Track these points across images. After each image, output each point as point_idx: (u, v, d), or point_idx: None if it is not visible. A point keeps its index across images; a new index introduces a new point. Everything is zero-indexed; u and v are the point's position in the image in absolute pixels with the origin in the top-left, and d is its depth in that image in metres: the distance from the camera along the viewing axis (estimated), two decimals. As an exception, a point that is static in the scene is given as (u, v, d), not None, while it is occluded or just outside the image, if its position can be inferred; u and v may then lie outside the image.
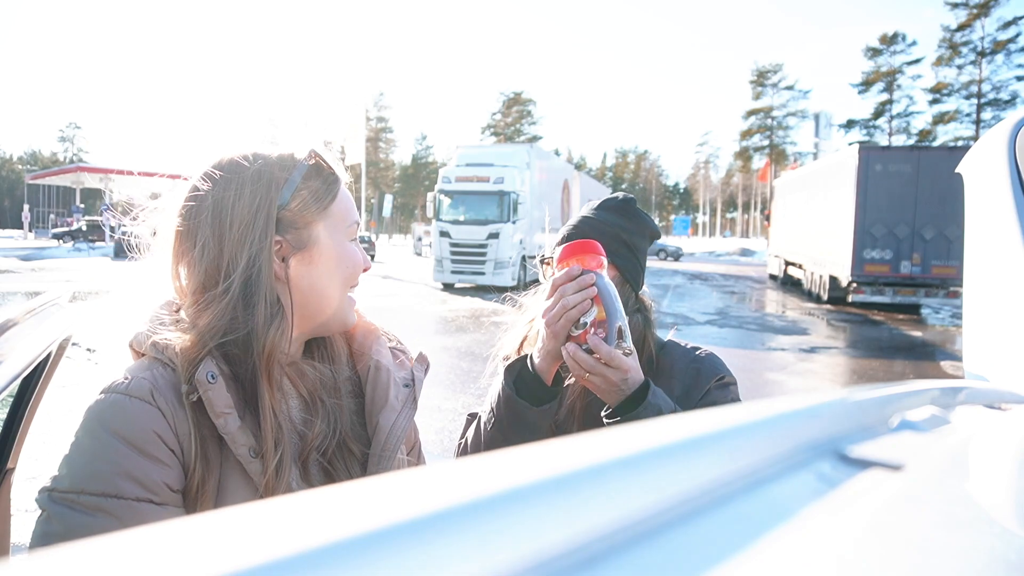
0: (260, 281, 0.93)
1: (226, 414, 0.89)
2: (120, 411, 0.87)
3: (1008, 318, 1.23)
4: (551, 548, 0.24)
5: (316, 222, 0.99)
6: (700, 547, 0.29)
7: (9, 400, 1.66)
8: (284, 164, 0.98)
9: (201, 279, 0.95)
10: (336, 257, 1.01)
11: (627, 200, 1.48)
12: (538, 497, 0.26)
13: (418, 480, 0.27)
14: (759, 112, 72.84)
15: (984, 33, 50.42)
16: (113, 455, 0.84)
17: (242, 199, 0.95)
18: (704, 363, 1.39)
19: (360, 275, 1.06)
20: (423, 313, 14.21)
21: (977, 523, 0.44)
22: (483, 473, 0.27)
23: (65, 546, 0.20)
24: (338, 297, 1.02)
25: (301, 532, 0.21)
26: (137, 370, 0.92)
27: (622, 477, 0.30)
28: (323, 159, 1.02)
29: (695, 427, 0.37)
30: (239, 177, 0.96)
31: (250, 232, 0.93)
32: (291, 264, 0.97)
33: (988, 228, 1.34)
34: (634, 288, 1.43)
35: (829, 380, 8.67)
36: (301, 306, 0.98)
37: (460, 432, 1.56)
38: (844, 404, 0.53)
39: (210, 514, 0.23)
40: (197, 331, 0.92)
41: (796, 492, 0.37)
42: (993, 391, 0.93)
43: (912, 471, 0.43)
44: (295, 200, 0.97)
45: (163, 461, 0.87)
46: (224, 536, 0.21)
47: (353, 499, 0.24)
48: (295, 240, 0.97)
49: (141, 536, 0.21)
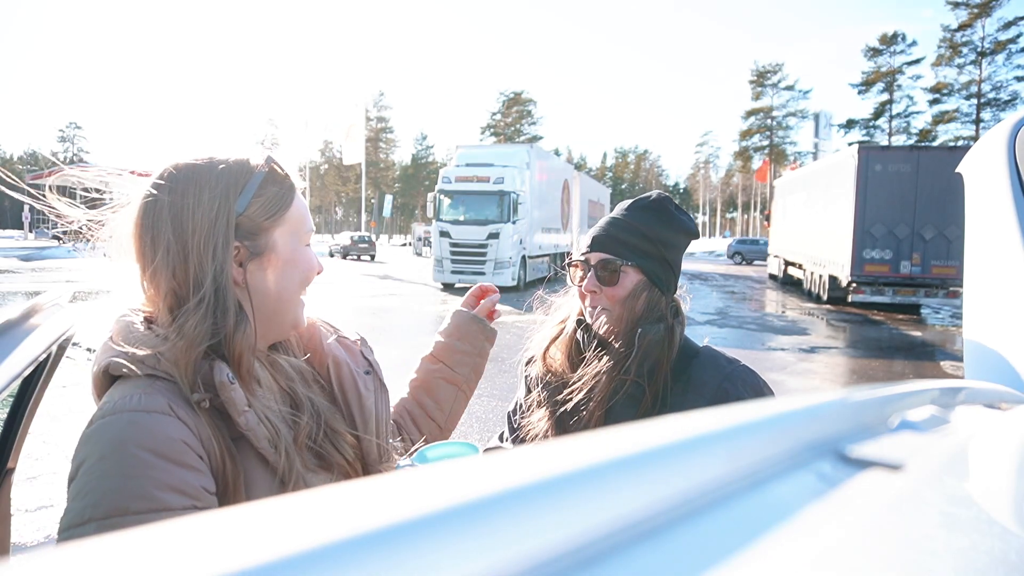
0: (227, 287, 0.95)
1: (246, 412, 0.92)
2: (143, 428, 0.86)
3: (1008, 318, 1.23)
4: (551, 548, 0.24)
5: (273, 228, 1.00)
6: (700, 547, 0.29)
7: (9, 400, 1.66)
8: (241, 170, 0.99)
9: (171, 286, 0.95)
10: (292, 262, 1.02)
11: (660, 199, 1.40)
12: (538, 497, 0.26)
13: (419, 480, 0.27)
14: (759, 112, 72.81)
15: (984, 33, 50.42)
16: (150, 471, 0.84)
17: (201, 205, 0.95)
18: (735, 384, 1.30)
19: (314, 278, 1.08)
20: (423, 313, 14.21)
21: (977, 523, 0.44)
22: (483, 473, 0.27)
23: (70, 546, 0.20)
24: (294, 301, 1.04)
25: (303, 532, 0.21)
26: (139, 387, 0.90)
27: (622, 477, 0.30)
28: (278, 166, 1.03)
29: (695, 427, 0.37)
30: (196, 183, 0.96)
31: (212, 239, 0.94)
32: (249, 269, 0.99)
33: (988, 228, 1.34)
34: (663, 291, 1.35)
35: (829, 380, 8.67)
36: (262, 310, 1.00)
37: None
38: (844, 404, 0.53)
39: (219, 512, 0.23)
40: (186, 340, 0.91)
41: (796, 492, 0.37)
42: (993, 391, 0.93)
43: (912, 471, 0.43)
44: (252, 206, 0.98)
45: (196, 468, 0.88)
46: (232, 535, 0.21)
47: (353, 499, 0.24)
48: (252, 246, 0.98)
49: (142, 537, 0.21)
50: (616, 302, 1.34)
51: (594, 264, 1.36)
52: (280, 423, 0.97)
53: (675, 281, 1.39)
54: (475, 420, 6.15)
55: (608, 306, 1.35)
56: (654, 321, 1.32)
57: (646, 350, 1.29)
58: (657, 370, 1.30)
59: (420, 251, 42.31)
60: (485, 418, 6.23)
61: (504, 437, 1.56)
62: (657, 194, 1.42)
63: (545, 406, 1.41)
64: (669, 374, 1.31)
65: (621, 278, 1.34)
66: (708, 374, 1.32)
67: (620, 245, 1.35)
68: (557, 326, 1.45)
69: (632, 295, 1.34)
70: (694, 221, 1.42)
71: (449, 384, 1.43)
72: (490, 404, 6.60)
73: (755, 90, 73.21)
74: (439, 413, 1.42)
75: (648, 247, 1.34)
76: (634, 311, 1.33)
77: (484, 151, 21.02)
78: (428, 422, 1.41)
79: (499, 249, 18.30)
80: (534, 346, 1.48)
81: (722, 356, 1.37)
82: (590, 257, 1.38)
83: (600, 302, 1.36)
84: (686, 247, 1.41)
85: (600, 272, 1.35)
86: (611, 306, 1.35)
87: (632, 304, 1.33)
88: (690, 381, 1.31)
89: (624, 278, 1.34)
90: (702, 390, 1.30)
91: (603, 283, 1.35)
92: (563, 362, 1.40)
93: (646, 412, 1.29)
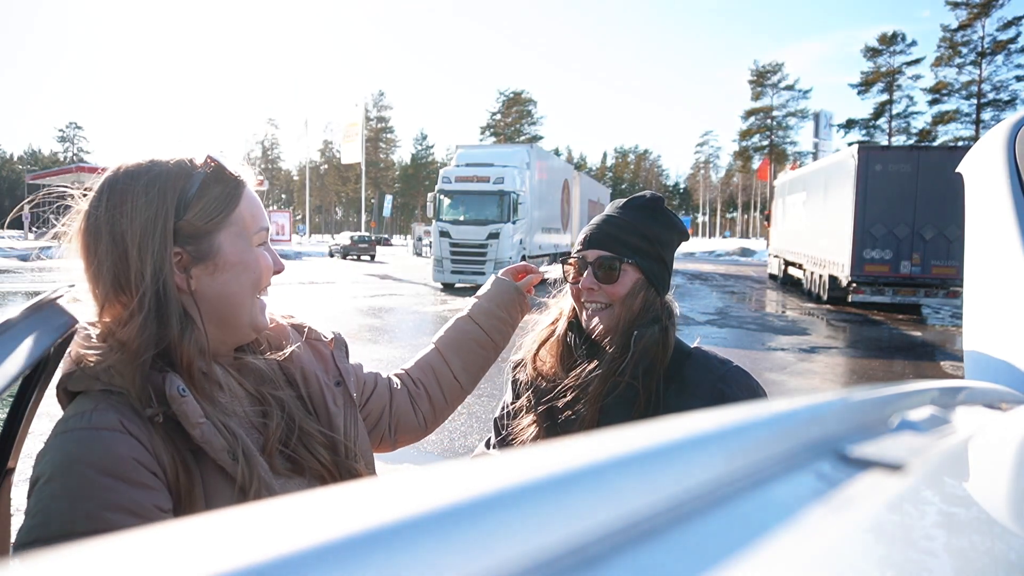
0: (168, 295, 0.92)
1: (200, 424, 0.88)
2: (92, 446, 0.84)
3: (1008, 318, 1.23)
4: (551, 548, 0.24)
5: (217, 231, 0.96)
6: (700, 547, 0.29)
7: (9, 400, 1.66)
8: (180, 173, 0.95)
9: (108, 292, 0.93)
10: (241, 264, 0.98)
11: (654, 199, 1.40)
12: (538, 497, 0.26)
13: (419, 480, 0.27)
14: (759, 112, 72.79)
15: (984, 33, 50.41)
16: (99, 491, 0.82)
17: (137, 211, 0.92)
18: (730, 385, 1.30)
19: (270, 279, 1.04)
20: (423, 313, 14.20)
21: (977, 523, 0.44)
22: (483, 473, 0.27)
23: (65, 548, 0.20)
24: (248, 304, 1.00)
25: (304, 532, 0.21)
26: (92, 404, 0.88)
27: (622, 477, 0.30)
28: (222, 164, 0.99)
29: (695, 427, 0.37)
30: (133, 188, 0.93)
31: (147, 246, 0.91)
32: (194, 275, 0.95)
33: (988, 228, 1.34)
34: (658, 291, 1.36)
35: (829, 380, 8.67)
36: (212, 315, 0.97)
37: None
38: (844, 404, 0.53)
39: (214, 516, 0.23)
40: (128, 351, 0.89)
41: (796, 492, 0.37)
42: (993, 391, 0.93)
43: (912, 471, 0.43)
44: (192, 210, 0.94)
45: (148, 485, 0.86)
46: (227, 537, 0.21)
47: (354, 499, 0.24)
48: (196, 251, 0.95)
49: (141, 538, 0.21)
50: (615, 300, 1.33)
51: (592, 261, 1.35)
52: (243, 430, 0.94)
53: (669, 281, 1.39)
54: (475, 420, 6.15)
55: (607, 301, 1.34)
56: (650, 322, 1.32)
57: (642, 351, 1.29)
58: (652, 371, 1.29)
59: (420, 251, 42.27)
60: (485, 418, 6.22)
61: (491, 443, 1.53)
62: (651, 194, 1.41)
63: (535, 410, 1.39)
64: (663, 375, 1.30)
65: (620, 276, 1.33)
66: (702, 375, 1.32)
67: (618, 243, 1.34)
68: (548, 327, 1.43)
69: (631, 294, 1.33)
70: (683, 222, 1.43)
71: (480, 348, 1.44)
72: (490, 404, 6.59)
73: (755, 90, 73.19)
74: (464, 375, 1.42)
75: (646, 246, 1.34)
76: (631, 310, 1.32)
77: (484, 151, 21.01)
78: (452, 382, 1.41)
79: (499, 249, 18.29)
80: (524, 348, 1.46)
81: (714, 357, 1.36)
82: (587, 255, 1.36)
83: (598, 299, 1.34)
84: (678, 247, 1.42)
85: (598, 270, 1.34)
86: (610, 302, 1.34)
87: (630, 303, 1.33)
88: (684, 382, 1.31)
89: (623, 276, 1.33)
90: (696, 391, 1.29)
91: (602, 281, 1.34)
92: (553, 364, 1.38)
93: (640, 414, 1.28)
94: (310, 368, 1.11)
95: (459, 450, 5.41)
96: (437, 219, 19.10)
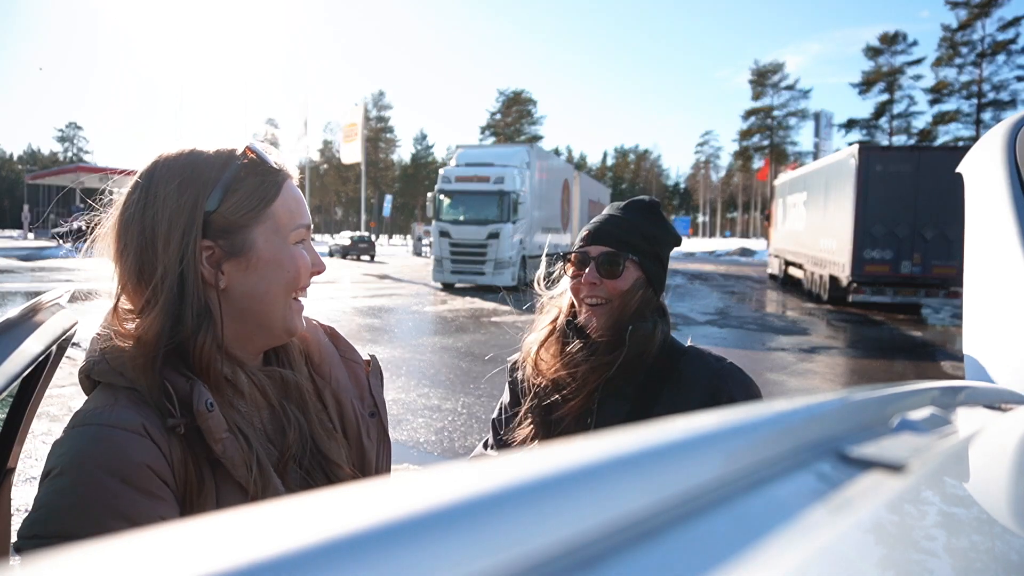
0: (187, 288, 0.88)
1: (223, 439, 0.85)
2: (108, 445, 0.81)
3: (1008, 318, 1.23)
4: (551, 548, 0.24)
5: (251, 225, 0.91)
6: (700, 547, 0.29)
7: (9, 400, 1.66)
8: (216, 163, 0.91)
9: (131, 282, 0.90)
10: (275, 262, 0.93)
11: (653, 203, 1.46)
12: (538, 497, 0.26)
13: (419, 480, 0.27)
14: (759, 112, 72.82)
15: (984, 33, 50.44)
16: (105, 496, 0.79)
17: (168, 200, 0.89)
18: (727, 381, 1.34)
19: (309, 280, 0.99)
20: (423, 313, 14.21)
21: (977, 523, 0.44)
22: (483, 473, 0.27)
23: (67, 548, 0.20)
24: (280, 304, 0.95)
25: (303, 532, 0.21)
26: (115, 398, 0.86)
27: (622, 477, 0.30)
28: (262, 155, 0.94)
29: (695, 427, 0.37)
30: (167, 178, 0.90)
31: (173, 236, 0.88)
32: (226, 271, 0.91)
33: (988, 228, 1.34)
34: (656, 292, 1.40)
35: (829, 380, 8.67)
36: (240, 314, 0.93)
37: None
38: (844, 404, 0.53)
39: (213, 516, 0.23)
40: (140, 344, 0.87)
41: (796, 492, 0.37)
42: (993, 391, 0.93)
43: (912, 471, 0.43)
44: (226, 203, 0.90)
45: (157, 495, 0.82)
46: (226, 537, 0.21)
47: (354, 499, 0.24)
48: (228, 246, 0.91)
49: (143, 538, 0.21)
50: (615, 295, 1.36)
51: (595, 256, 1.38)
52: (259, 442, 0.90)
53: (664, 283, 1.43)
54: (475, 420, 6.15)
55: (607, 296, 1.36)
56: (645, 319, 1.36)
57: (636, 348, 1.32)
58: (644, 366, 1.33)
59: (420, 251, 42.29)
60: (485, 418, 6.22)
61: (489, 444, 1.54)
62: (649, 199, 1.48)
63: (533, 410, 1.40)
64: (659, 372, 1.33)
65: (623, 272, 1.36)
66: (699, 371, 1.36)
67: (621, 240, 1.38)
68: (547, 327, 1.45)
69: (631, 290, 1.36)
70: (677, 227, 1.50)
71: None
72: (489, 405, 6.59)
73: (755, 90, 73.23)
74: None
75: (646, 245, 1.38)
76: (629, 307, 1.35)
77: (484, 151, 21.02)
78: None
79: (499, 249, 18.29)
80: (524, 348, 1.47)
81: (709, 354, 1.41)
82: (590, 250, 1.39)
83: (598, 293, 1.36)
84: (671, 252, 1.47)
85: (601, 265, 1.37)
86: (609, 298, 1.36)
87: (629, 299, 1.36)
88: (681, 379, 1.35)
89: (625, 272, 1.37)
90: (694, 387, 1.33)
91: (604, 276, 1.36)
92: (552, 363, 1.40)
93: (637, 410, 1.30)
94: (345, 394, 1.05)
95: (459, 450, 5.40)
96: (437, 219, 19.10)
